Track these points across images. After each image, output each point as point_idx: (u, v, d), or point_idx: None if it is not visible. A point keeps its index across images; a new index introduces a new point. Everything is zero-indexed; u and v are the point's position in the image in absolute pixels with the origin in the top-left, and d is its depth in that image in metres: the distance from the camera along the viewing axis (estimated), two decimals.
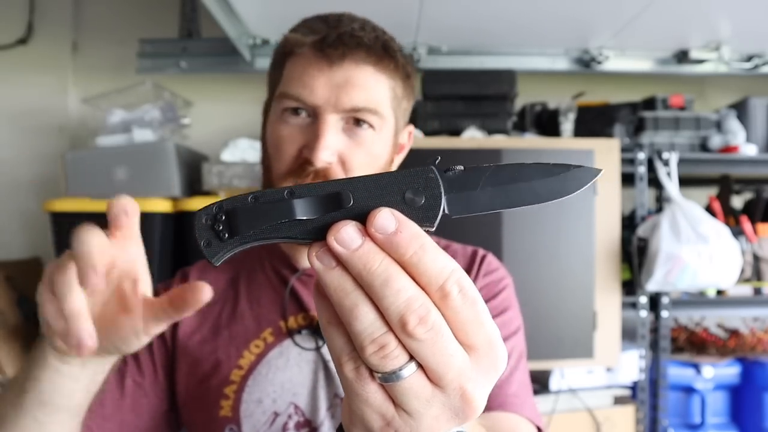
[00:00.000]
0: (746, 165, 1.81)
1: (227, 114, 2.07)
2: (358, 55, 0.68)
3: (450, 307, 0.30)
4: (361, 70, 0.68)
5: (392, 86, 0.72)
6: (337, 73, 0.67)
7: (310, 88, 0.67)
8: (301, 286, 0.76)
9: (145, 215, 1.59)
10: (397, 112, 0.74)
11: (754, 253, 1.79)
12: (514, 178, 0.34)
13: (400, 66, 0.72)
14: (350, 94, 0.67)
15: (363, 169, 0.70)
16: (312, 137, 0.67)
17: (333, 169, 0.68)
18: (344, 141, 0.69)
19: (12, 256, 1.99)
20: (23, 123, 2.09)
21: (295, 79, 0.69)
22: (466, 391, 0.31)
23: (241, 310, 0.76)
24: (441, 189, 0.33)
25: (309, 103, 0.68)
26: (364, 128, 0.69)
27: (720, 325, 1.96)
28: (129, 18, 2.11)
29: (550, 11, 1.66)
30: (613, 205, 1.69)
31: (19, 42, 2.08)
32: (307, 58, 0.68)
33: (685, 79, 2.14)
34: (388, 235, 0.30)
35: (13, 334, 1.71)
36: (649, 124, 1.83)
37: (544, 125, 1.88)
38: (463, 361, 0.31)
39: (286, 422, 0.69)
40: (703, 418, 1.75)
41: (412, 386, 0.31)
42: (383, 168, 0.74)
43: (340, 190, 0.32)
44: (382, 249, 0.30)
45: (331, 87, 0.67)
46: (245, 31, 1.80)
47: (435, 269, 0.30)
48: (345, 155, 0.69)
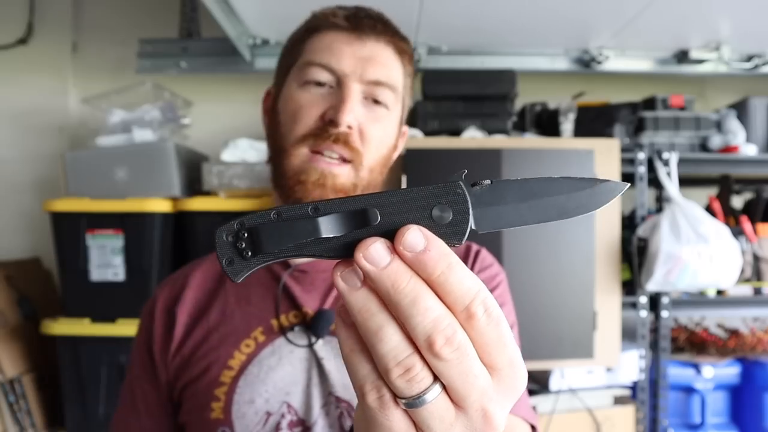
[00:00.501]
0: (746, 165, 1.81)
1: (227, 114, 2.07)
2: (385, 34, 0.73)
3: (475, 328, 0.30)
4: (385, 49, 0.73)
5: (405, 74, 0.77)
6: (364, 48, 0.72)
7: (338, 56, 0.71)
8: (293, 282, 0.75)
9: (145, 215, 1.60)
10: (405, 101, 0.79)
11: (754, 253, 1.79)
12: (542, 193, 0.33)
13: (412, 60, 0.78)
14: (375, 68, 0.71)
15: (376, 143, 0.73)
16: (338, 101, 0.70)
17: (353, 135, 0.71)
18: (364, 113, 0.72)
19: (12, 256, 1.99)
20: (23, 123, 2.09)
21: (323, 50, 0.72)
22: (488, 412, 0.31)
23: (230, 309, 0.75)
24: (469, 205, 0.32)
25: (337, 70, 0.71)
26: (380, 107, 0.73)
27: (720, 325, 1.96)
28: (129, 18, 2.11)
29: (550, 11, 1.66)
30: (613, 205, 1.69)
31: (19, 42, 2.08)
32: (337, 31, 0.72)
33: (685, 79, 2.14)
34: (416, 253, 0.30)
35: (13, 334, 1.71)
36: (649, 124, 1.83)
37: (544, 125, 1.88)
38: (486, 382, 0.31)
39: (279, 422, 0.68)
40: (703, 418, 1.75)
41: (437, 409, 0.31)
42: (390, 149, 0.76)
43: (366, 206, 0.31)
44: (410, 267, 0.30)
45: (357, 59, 0.71)
46: (245, 31, 1.80)
47: (462, 289, 0.30)
48: (363, 126, 0.72)
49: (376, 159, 0.73)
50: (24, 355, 1.71)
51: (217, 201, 1.65)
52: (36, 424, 1.68)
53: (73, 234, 1.63)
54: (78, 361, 1.65)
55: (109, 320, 1.64)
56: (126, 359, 1.64)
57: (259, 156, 1.70)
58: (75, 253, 1.63)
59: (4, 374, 1.64)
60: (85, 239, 1.63)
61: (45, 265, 2.04)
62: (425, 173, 1.59)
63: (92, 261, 1.63)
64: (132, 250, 1.63)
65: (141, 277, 1.64)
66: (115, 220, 1.62)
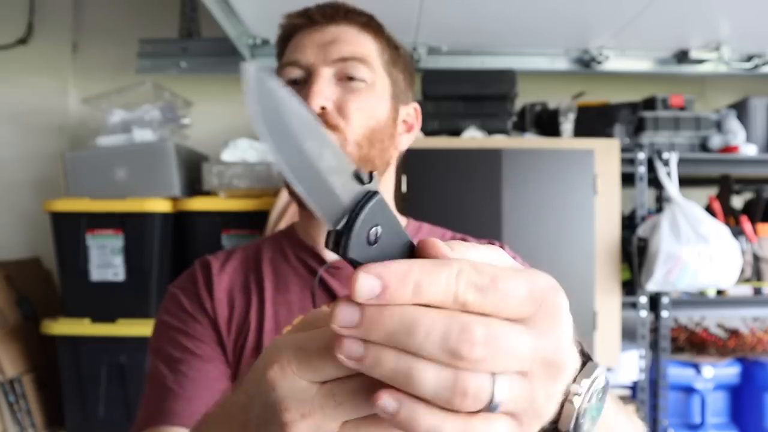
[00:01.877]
0: (746, 165, 1.81)
1: (227, 114, 2.07)
2: (344, 17, 0.76)
3: (477, 307, 0.28)
4: (346, 30, 0.76)
5: (380, 48, 0.77)
6: (324, 35, 0.75)
7: (301, 50, 0.75)
8: (329, 277, 0.77)
9: (145, 215, 1.60)
10: (391, 76, 0.79)
11: (754, 253, 1.79)
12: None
13: (385, 34, 0.79)
14: (337, 47, 0.74)
15: (360, 115, 0.73)
16: (306, 90, 0.73)
17: (330, 113, 0.72)
18: (338, 91, 0.74)
19: (12, 256, 1.99)
20: (23, 123, 2.09)
21: (290, 50, 0.78)
22: (548, 360, 0.29)
23: (270, 296, 0.77)
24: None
25: (303, 64, 0.74)
26: (356, 82, 0.74)
27: (720, 325, 1.96)
28: (129, 18, 2.11)
29: (550, 11, 1.66)
30: (613, 205, 1.69)
31: (19, 42, 2.08)
32: (299, 31, 0.77)
33: (685, 79, 2.14)
34: (377, 297, 0.27)
35: (13, 334, 1.71)
36: (649, 124, 1.83)
37: (544, 125, 1.88)
38: (527, 339, 0.28)
39: None
40: (703, 418, 1.75)
41: (513, 396, 0.29)
42: (385, 125, 0.76)
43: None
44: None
45: (319, 46, 0.74)
46: (245, 31, 1.80)
47: (440, 289, 0.28)
48: (341, 102, 0.73)
49: (362, 132, 0.73)
50: (24, 355, 1.71)
51: (217, 201, 1.65)
52: (36, 424, 1.68)
53: (73, 234, 1.63)
54: (78, 361, 1.65)
55: (109, 320, 1.64)
56: (126, 359, 1.64)
57: (259, 156, 1.70)
58: (75, 253, 1.63)
59: (4, 374, 1.64)
60: (85, 239, 1.63)
61: (45, 265, 2.04)
62: (425, 173, 1.59)
63: (92, 261, 1.63)
64: (132, 250, 1.63)
65: (141, 277, 1.64)
66: (115, 220, 1.62)
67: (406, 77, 0.82)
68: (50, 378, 1.75)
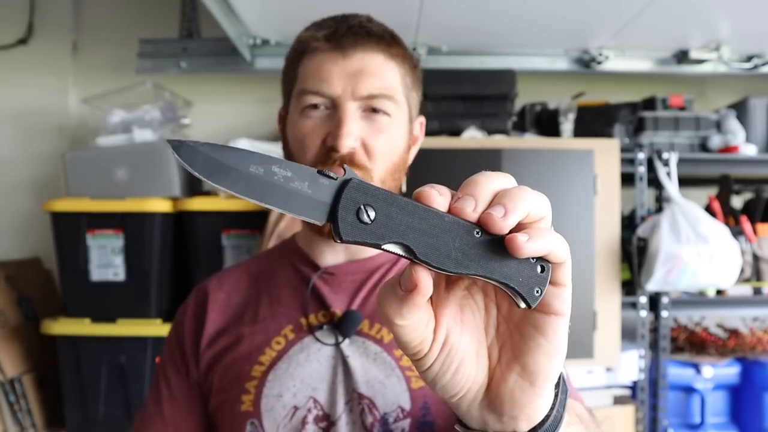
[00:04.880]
0: (746, 165, 1.81)
1: (227, 114, 2.07)
2: (369, 44, 0.72)
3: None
4: (373, 58, 0.73)
5: (402, 74, 0.76)
6: (351, 63, 0.72)
7: (327, 81, 0.71)
8: (322, 284, 0.77)
9: (145, 215, 1.60)
10: (409, 100, 0.78)
11: (754, 253, 1.79)
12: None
13: (408, 55, 0.77)
14: (366, 82, 0.71)
15: (384, 154, 0.74)
16: (335, 126, 0.71)
17: (358, 153, 0.72)
18: (365, 127, 0.73)
19: (12, 256, 1.99)
20: (23, 123, 2.09)
21: (312, 75, 0.73)
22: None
23: (263, 309, 0.78)
24: None
25: (328, 95, 0.72)
26: (380, 115, 0.73)
27: (720, 325, 1.96)
28: (129, 18, 2.11)
29: (550, 11, 1.66)
30: (613, 205, 1.69)
31: (19, 42, 2.08)
32: (322, 53, 0.73)
33: (685, 79, 2.14)
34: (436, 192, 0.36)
35: (13, 334, 1.71)
36: (648, 124, 1.83)
37: (544, 125, 1.88)
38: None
39: (305, 416, 0.71)
40: (703, 418, 1.76)
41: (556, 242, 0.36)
42: (402, 155, 0.78)
43: None
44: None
45: (346, 76, 0.71)
46: (245, 31, 1.80)
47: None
48: (367, 141, 0.73)
49: (386, 169, 0.75)
50: (24, 355, 1.71)
51: (217, 201, 1.65)
52: (36, 424, 1.68)
53: (74, 234, 1.63)
54: (78, 361, 1.65)
55: (110, 320, 1.64)
56: (126, 359, 1.64)
57: None
58: (75, 253, 1.63)
59: (4, 374, 1.64)
60: (86, 239, 1.63)
61: (45, 265, 2.04)
62: (425, 173, 1.59)
63: (92, 261, 1.64)
64: (132, 250, 1.63)
65: (141, 277, 1.64)
66: (115, 220, 1.62)
67: (419, 92, 0.82)
68: (50, 378, 1.76)
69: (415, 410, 0.69)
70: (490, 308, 0.41)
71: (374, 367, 0.71)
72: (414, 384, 0.70)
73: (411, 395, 0.70)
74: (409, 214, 0.34)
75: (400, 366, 0.71)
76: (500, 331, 0.40)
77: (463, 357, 0.39)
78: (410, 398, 0.70)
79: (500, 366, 0.40)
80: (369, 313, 0.75)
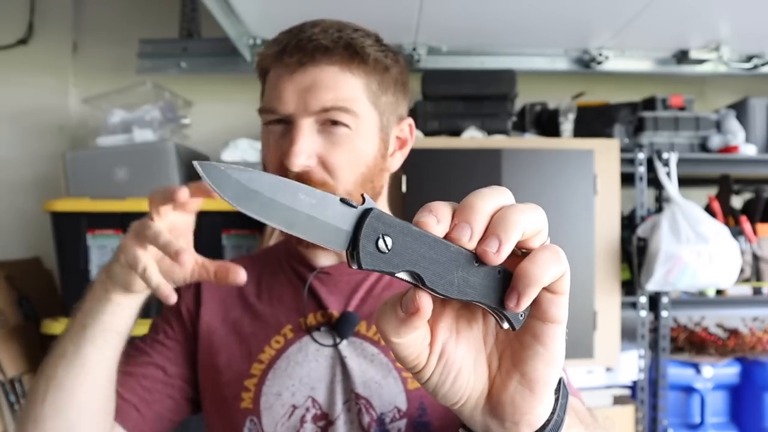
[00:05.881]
0: (746, 165, 1.81)
1: (227, 114, 2.07)
2: (318, 58, 0.70)
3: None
4: (325, 71, 0.70)
5: (365, 83, 0.73)
6: (303, 78, 0.70)
7: (279, 98, 0.71)
8: (319, 284, 0.78)
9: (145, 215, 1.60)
10: (379, 107, 0.75)
11: (754, 253, 1.79)
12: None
13: (371, 61, 0.73)
14: (317, 96, 0.70)
15: (346, 168, 0.71)
16: (287, 144, 0.71)
17: (314, 171, 0.71)
18: (321, 142, 0.71)
19: (12, 256, 1.98)
20: (23, 123, 2.09)
21: (269, 93, 0.73)
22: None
23: (263, 308, 0.79)
24: None
25: (282, 113, 0.71)
26: (339, 128, 0.71)
27: (720, 325, 1.96)
28: (129, 18, 2.11)
29: (550, 11, 1.66)
30: (613, 205, 1.69)
31: (19, 42, 2.08)
32: (275, 71, 0.73)
33: (684, 79, 2.14)
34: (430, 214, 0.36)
35: (13, 334, 1.71)
36: (648, 124, 1.83)
37: (544, 125, 1.88)
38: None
39: (303, 415, 0.71)
40: (703, 418, 1.76)
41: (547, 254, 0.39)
42: (374, 164, 0.74)
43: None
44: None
45: (298, 93, 0.70)
46: (245, 31, 1.80)
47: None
48: (325, 157, 0.71)
49: (351, 181, 0.72)
50: (24, 355, 1.71)
51: (217, 201, 1.65)
52: None
53: (74, 234, 1.63)
54: None
55: None
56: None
57: (259, 156, 1.71)
58: (75, 253, 1.63)
59: (4, 374, 1.64)
60: (86, 239, 1.63)
61: (45, 265, 2.04)
62: (425, 173, 1.59)
63: (93, 261, 1.64)
64: None
65: None
66: (116, 220, 1.62)
67: (399, 94, 0.78)
68: None
69: (412, 411, 0.70)
70: (488, 318, 0.41)
71: (371, 368, 0.72)
72: (410, 385, 0.71)
73: (407, 396, 0.70)
74: (420, 243, 0.35)
75: (397, 367, 0.72)
76: (499, 339, 0.41)
77: (460, 367, 0.40)
78: (406, 399, 0.70)
79: (500, 374, 0.40)
80: (366, 315, 0.75)
